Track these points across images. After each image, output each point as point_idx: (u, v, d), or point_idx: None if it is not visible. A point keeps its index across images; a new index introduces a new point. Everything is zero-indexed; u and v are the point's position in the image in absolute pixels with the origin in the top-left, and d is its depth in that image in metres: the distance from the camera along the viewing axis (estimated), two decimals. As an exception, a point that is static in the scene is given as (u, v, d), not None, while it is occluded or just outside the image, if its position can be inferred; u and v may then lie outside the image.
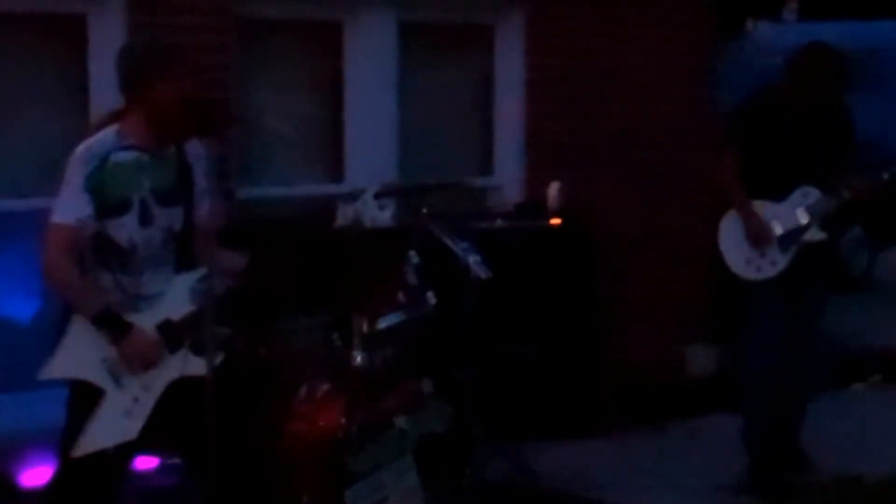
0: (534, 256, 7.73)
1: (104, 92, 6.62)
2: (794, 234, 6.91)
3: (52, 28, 7.02)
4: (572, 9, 8.33)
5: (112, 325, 4.95)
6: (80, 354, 4.95)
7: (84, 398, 4.97)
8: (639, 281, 8.49)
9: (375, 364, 5.92)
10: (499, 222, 7.78)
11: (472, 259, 6.02)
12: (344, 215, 5.48)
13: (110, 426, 4.98)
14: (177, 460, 5.48)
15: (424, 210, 6.19)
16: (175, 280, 5.08)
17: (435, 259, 6.09)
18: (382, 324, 5.93)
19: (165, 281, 5.06)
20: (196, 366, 5.02)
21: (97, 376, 4.95)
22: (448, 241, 6.06)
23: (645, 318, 8.47)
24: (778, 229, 6.90)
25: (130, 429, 5.00)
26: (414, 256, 6.06)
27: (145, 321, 5.02)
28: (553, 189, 8.04)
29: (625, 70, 8.54)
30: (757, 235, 6.89)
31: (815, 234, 6.91)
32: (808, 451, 7.19)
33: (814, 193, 6.90)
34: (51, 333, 5.02)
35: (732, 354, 7.62)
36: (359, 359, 5.86)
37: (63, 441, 5.04)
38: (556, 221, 7.87)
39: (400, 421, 5.80)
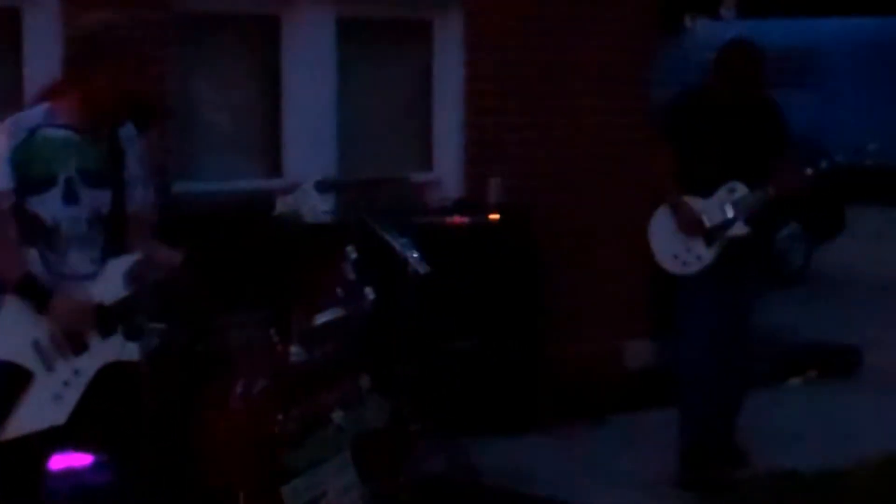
0: (473, 252, 7.73)
1: (38, 86, 6.57)
2: (720, 229, 6.96)
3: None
4: (511, 4, 8.34)
5: (34, 292, 4.86)
6: (9, 336, 4.88)
7: (9, 381, 4.90)
8: (578, 276, 8.51)
9: (313, 359, 5.90)
10: (438, 217, 7.78)
11: (411, 254, 6.02)
12: (283, 205, 5.43)
13: (39, 410, 4.89)
14: (109, 457, 5.41)
15: (363, 205, 6.18)
16: (108, 264, 5.01)
17: (374, 254, 6.08)
18: (320, 319, 5.91)
19: (91, 261, 4.99)
20: (129, 351, 4.98)
21: (26, 359, 4.88)
22: (387, 237, 6.05)
23: (584, 312, 8.50)
24: (706, 223, 6.96)
25: (60, 413, 4.92)
26: (352, 252, 6.04)
27: None
28: (492, 184, 8.05)
29: (564, 65, 8.56)
30: (688, 225, 6.94)
31: (739, 230, 6.95)
32: (744, 446, 7.24)
33: (740, 189, 6.94)
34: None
35: (670, 348, 7.66)
36: (296, 354, 5.84)
37: None
38: (495, 217, 7.89)
39: (338, 416, 5.78)
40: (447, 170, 8.42)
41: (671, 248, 7.05)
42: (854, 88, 19.64)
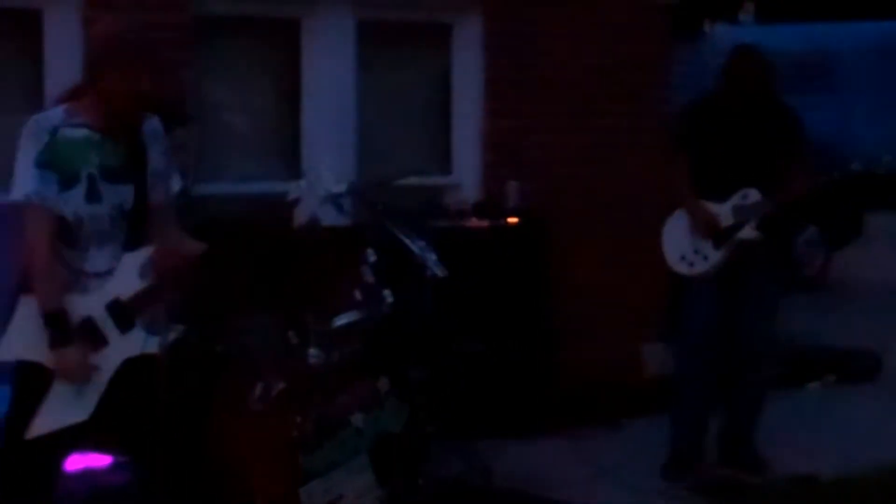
0: (491, 255, 7.74)
1: (60, 87, 6.58)
2: (730, 232, 6.96)
3: (7, 23, 6.99)
4: (530, 8, 8.34)
5: (59, 329, 4.90)
6: (29, 336, 4.91)
7: (32, 381, 4.94)
8: (595, 280, 8.51)
9: (331, 362, 5.91)
10: (456, 221, 7.79)
11: (429, 257, 6.02)
12: (296, 189, 5.45)
13: (63, 407, 4.93)
14: (128, 458, 5.43)
15: (382, 208, 6.19)
16: (123, 258, 5.03)
17: (392, 257, 6.09)
18: (338, 322, 5.93)
19: (112, 258, 5.02)
20: (149, 344, 5.02)
21: (45, 357, 4.92)
22: (405, 240, 6.05)
23: (601, 316, 8.49)
24: (725, 223, 6.98)
25: (83, 409, 4.96)
26: (371, 254, 6.05)
27: (94, 302, 4.98)
28: (511, 188, 8.06)
29: (582, 70, 8.56)
30: (704, 225, 6.95)
31: (748, 233, 6.94)
32: (760, 450, 7.23)
33: (753, 195, 6.94)
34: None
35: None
36: (315, 357, 5.86)
37: (9, 425, 5.00)
38: (513, 220, 7.89)
39: (356, 419, 5.79)
40: (466, 173, 8.43)
41: (680, 250, 7.09)
42: (873, 93, 19.58)
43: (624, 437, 7.79)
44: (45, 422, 4.93)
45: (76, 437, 5.11)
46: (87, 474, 6.10)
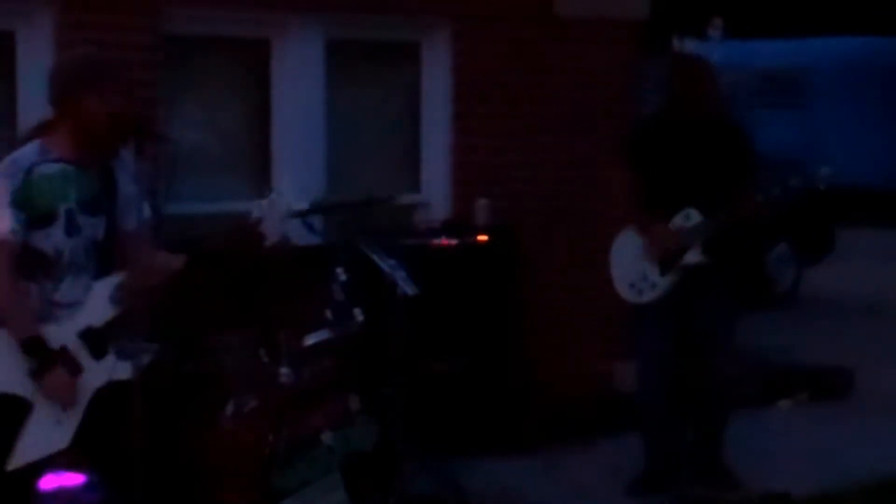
0: (461, 273, 7.74)
1: (32, 108, 6.59)
2: (674, 257, 6.88)
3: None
4: (497, 26, 8.37)
5: (39, 355, 4.92)
6: (5, 368, 4.92)
7: (8, 412, 4.94)
8: (566, 297, 8.53)
9: (302, 380, 5.91)
10: (426, 239, 7.80)
11: (400, 275, 6.03)
12: (258, 210, 5.46)
13: (42, 437, 4.96)
14: (101, 477, 5.43)
15: (351, 227, 6.20)
16: (94, 286, 5.06)
17: (363, 276, 6.10)
18: (310, 340, 5.94)
19: (84, 288, 5.05)
20: (123, 370, 5.04)
21: (24, 389, 4.93)
22: (375, 258, 6.06)
23: (572, 334, 8.51)
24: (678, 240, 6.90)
25: (62, 437, 5.00)
26: (341, 273, 6.06)
27: (66, 331, 5.00)
28: (480, 206, 8.07)
29: (551, 87, 8.58)
30: (660, 242, 6.86)
31: (693, 258, 6.85)
32: (733, 467, 7.23)
33: (694, 216, 6.84)
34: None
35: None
36: (286, 375, 5.86)
37: None
38: (482, 238, 7.91)
39: (327, 437, 5.79)
40: (435, 191, 8.45)
41: (628, 277, 7.02)
42: (842, 108, 19.69)
43: (597, 455, 7.80)
44: (26, 452, 4.96)
45: (49, 458, 5.11)
46: (62, 493, 6.07)
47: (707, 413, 7.17)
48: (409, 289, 5.99)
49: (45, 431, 4.97)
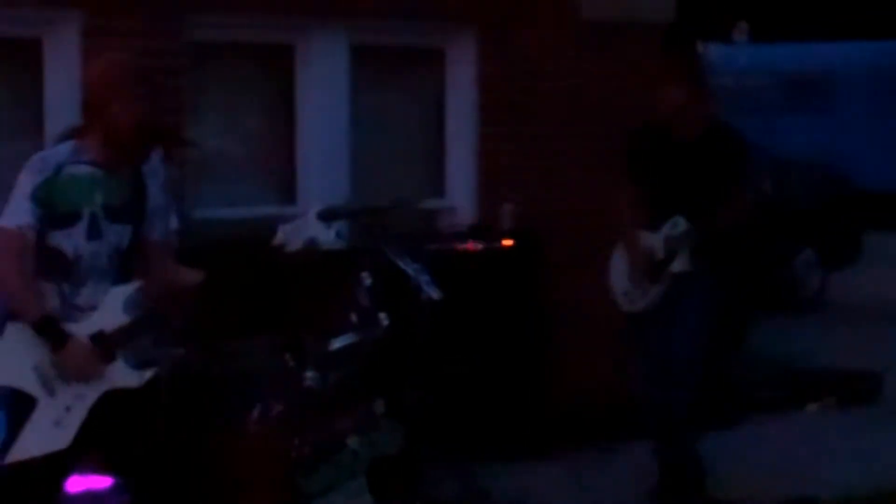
0: (485, 278, 7.74)
1: (60, 115, 6.66)
2: (663, 265, 6.87)
3: (7, 52, 7.02)
4: (522, 31, 8.37)
5: (52, 332, 4.94)
6: (11, 362, 4.95)
7: (16, 406, 4.98)
8: (590, 302, 8.50)
9: (328, 385, 5.92)
10: (451, 244, 7.80)
11: (424, 280, 6.03)
12: (283, 234, 5.48)
13: (41, 435, 4.97)
14: (127, 480, 5.44)
15: (377, 232, 6.20)
16: (110, 292, 5.08)
17: (387, 280, 6.10)
18: (335, 345, 5.94)
19: (105, 294, 5.07)
20: (129, 378, 5.04)
21: (28, 384, 4.95)
22: (400, 263, 6.07)
23: (595, 338, 8.47)
24: (658, 256, 6.87)
25: (61, 438, 4.99)
26: (366, 278, 6.07)
27: (79, 331, 5.01)
28: (505, 211, 8.07)
29: (576, 92, 8.57)
30: (641, 259, 6.88)
31: (679, 266, 6.83)
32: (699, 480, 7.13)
33: (681, 224, 6.82)
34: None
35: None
36: (311, 380, 5.86)
37: (4, 449, 5.04)
38: (507, 243, 7.90)
39: (352, 442, 5.80)
40: (460, 196, 8.45)
41: (622, 285, 7.04)
42: (868, 112, 19.61)
43: (619, 460, 7.78)
44: (24, 448, 4.97)
45: (75, 460, 5.13)
46: (88, 496, 6.10)
47: (664, 424, 7.09)
48: (433, 293, 5.99)
49: (45, 430, 4.97)
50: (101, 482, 6.09)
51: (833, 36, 20.69)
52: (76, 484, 5.69)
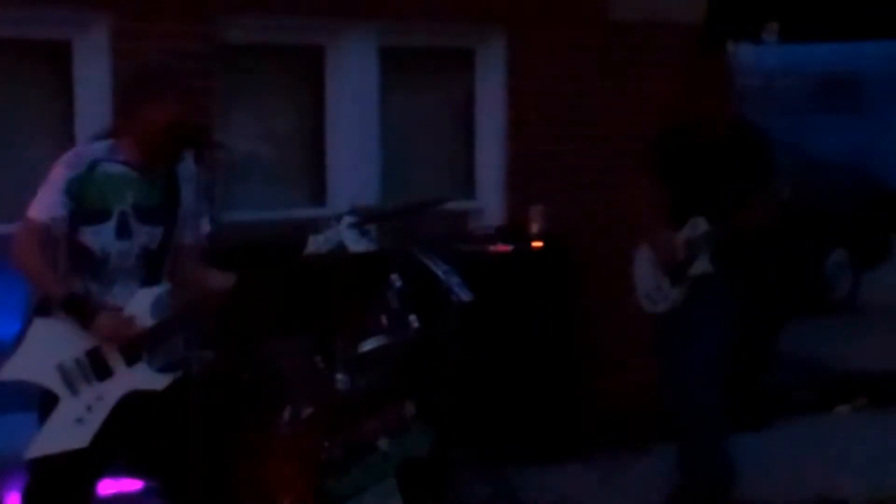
0: (515, 280, 7.74)
1: (89, 117, 6.68)
2: (683, 267, 6.84)
3: (37, 54, 7.04)
4: (552, 32, 8.36)
5: (80, 308, 4.96)
6: (36, 358, 4.98)
7: (45, 403, 5.01)
8: (621, 304, 8.48)
9: (358, 387, 5.93)
10: (481, 246, 7.79)
11: (454, 282, 6.03)
12: (314, 244, 5.50)
13: (61, 432, 4.99)
14: (158, 483, 5.46)
15: (406, 234, 6.20)
16: (136, 293, 5.09)
17: (417, 282, 6.10)
18: (365, 347, 5.95)
19: (132, 295, 5.08)
20: (151, 381, 5.06)
21: (51, 381, 4.98)
22: (430, 265, 6.06)
23: (626, 340, 8.46)
24: (679, 257, 6.83)
25: (81, 436, 5.01)
26: (396, 280, 6.07)
27: None
28: (535, 212, 8.06)
29: (606, 93, 8.56)
30: (666, 256, 6.83)
31: (700, 267, 6.78)
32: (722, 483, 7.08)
33: (702, 224, 6.77)
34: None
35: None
36: (341, 382, 5.87)
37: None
38: (537, 244, 7.89)
39: (383, 444, 5.80)
40: (490, 198, 8.44)
41: (645, 287, 7.01)
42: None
43: (652, 463, 7.76)
44: (43, 444, 5.01)
45: (104, 462, 5.15)
46: (120, 498, 6.13)
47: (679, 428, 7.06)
48: (463, 295, 5.99)
49: (66, 427, 4.99)
50: (132, 485, 6.13)
51: (864, 36, 20.59)
52: (107, 487, 5.73)
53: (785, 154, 10.58)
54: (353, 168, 7.86)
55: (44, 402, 5.04)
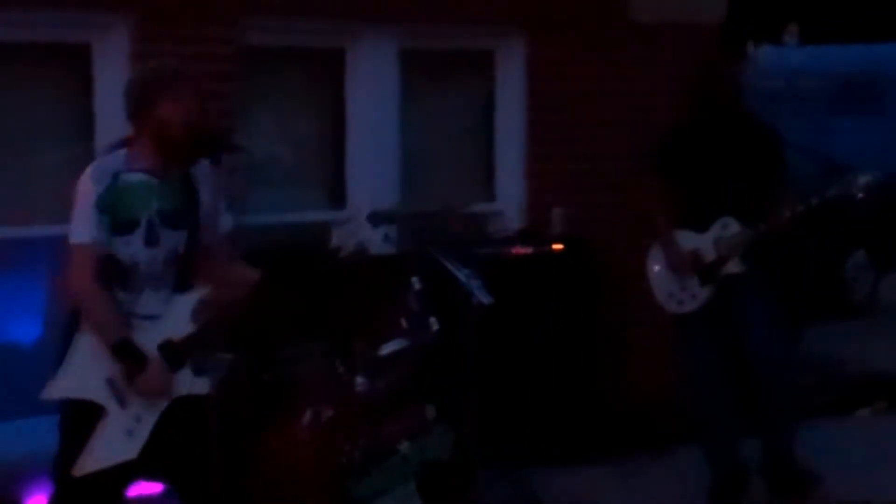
0: (536, 282, 7.73)
1: (110, 120, 6.67)
2: (714, 266, 6.83)
3: (57, 57, 7.06)
4: (572, 33, 8.35)
5: (130, 357, 4.96)
6: (83, 375, 4.99)
7: (81, 418, 4.99)
8: (640, 306, 8.47)
9: (378, 390, 5.93)
10: (501, 248, 7.79)
11: (474, 285, 6.02)
12: (339, 238, 5.51)
13: (112, 445, 5.01)
14: (178, 486, 5.47)
15: (426, 236, 6.20)
16: (176, 301, 5.11)
17: (437, 285, 6.10)
18: (385, 350, 5.95)
19: (163, 301, 5.10)
20: (197, 385, 5.08)
21: (101, 396, 4.98)
22: (450, 267, 6.06)
23: (647, 342, 8.45)
24: (703, 259, 6.84)
25: (132, 448, 5.03)
26: (416, 282, 6.07)
27: (145, 343, 5.03)
28: (555, 215, 8.05)
29: (626, 95, 8.55)
30: (678, 263, 6.86)
31: (733, 267, 6.81)
32: (808, 473, 7.11)
33: (733, 225, 6.79)
34: (52, 356, 5.04)
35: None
36: (362, 385, 5.87)
37: (59, 463, 5.06)
38: (557, 247, 7.88)
39: (403, 446, 5.81)
40: (510, 200, 8.43)
41: (667, 287, 6.98)
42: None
43: (672, 464, 7.75)
44: (93, 459, 5.00)
45: (141, 469, 5.16)
46: (142, 501, 6.14)
47: (771, 423, 7.06)
48: (484, 298, 5.98)
49: (117, 441, 5.01)
50: (152, 488, 6.14)
51: (884, 37, 20.52)
52: (131, 489, 5.72)
53: (807, 161, 10.57)
54: (373, 171, 7.86)
55: (74, 419, 5.03)
